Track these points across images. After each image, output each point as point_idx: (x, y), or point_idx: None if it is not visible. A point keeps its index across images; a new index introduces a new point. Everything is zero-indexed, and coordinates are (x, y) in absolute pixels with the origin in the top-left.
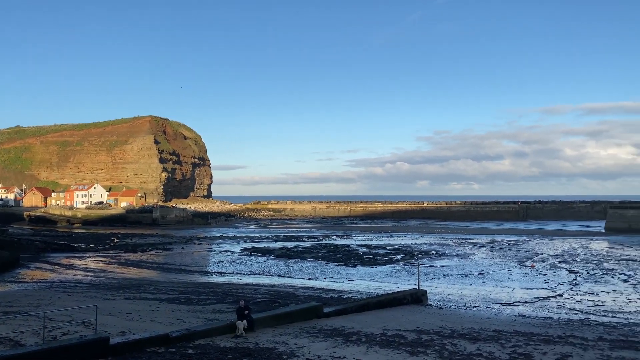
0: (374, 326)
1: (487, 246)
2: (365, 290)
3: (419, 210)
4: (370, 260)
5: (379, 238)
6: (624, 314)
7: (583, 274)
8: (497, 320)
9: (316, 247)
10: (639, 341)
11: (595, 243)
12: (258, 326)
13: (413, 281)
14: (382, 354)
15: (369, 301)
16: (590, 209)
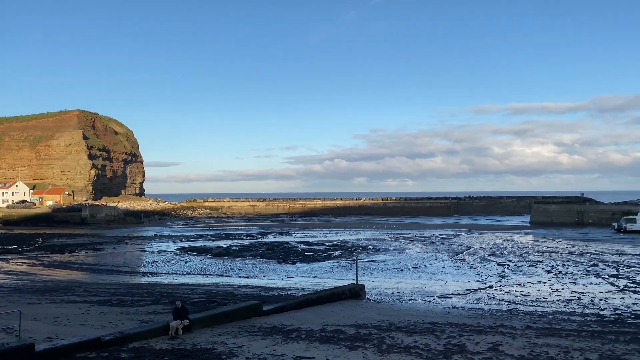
0: (313, 322)
1: (421, 240)
2: (304, 286)
3: (357, 206)
4: (309, 257)
5: (318, 234)
6: (548, 303)
7: (511, 266)
8: (432, 312)
9: (255, 245)
10: (561, 328)
11: (521, 236)
12: (195, 327)
13: (351, 276)
14: (322, 349)
15: (309, 297)
16: (517, 204)
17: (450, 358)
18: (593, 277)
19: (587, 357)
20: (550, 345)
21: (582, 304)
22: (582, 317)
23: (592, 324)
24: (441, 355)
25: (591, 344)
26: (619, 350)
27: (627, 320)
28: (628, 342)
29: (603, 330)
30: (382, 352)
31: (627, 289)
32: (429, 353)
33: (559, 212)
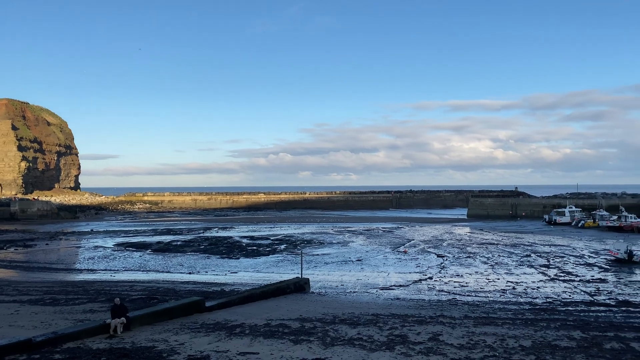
0: (258, 317)
1: (365, 234)
2: (248, 281)
3: (302, 200)
4: (253, 252)
5: (262, 229)
6: (485, 293)
7: (450, 258)
8: (375, 304)
9: (197, 240)
10: (497, 317)
11: (459, 229)
12: (135, 325)
13: (296, 270)
14: (266, 344)
15: (253, 292)
16: (455, 198)
17: (392, 349)
18: (526, 267)
19: (521, 344)
20: (487, 334)
21: (517, 294)
22: (517, 305)
23: (526, 312)
24: (384, 346)
25: (525, 331)
26: (550, 337)
27: (557, 307)
28: (558, 329)
29: (535, 318)
30: (327, 344)
31: (557, 278)
32: (372, 344)
33: (494, 205)
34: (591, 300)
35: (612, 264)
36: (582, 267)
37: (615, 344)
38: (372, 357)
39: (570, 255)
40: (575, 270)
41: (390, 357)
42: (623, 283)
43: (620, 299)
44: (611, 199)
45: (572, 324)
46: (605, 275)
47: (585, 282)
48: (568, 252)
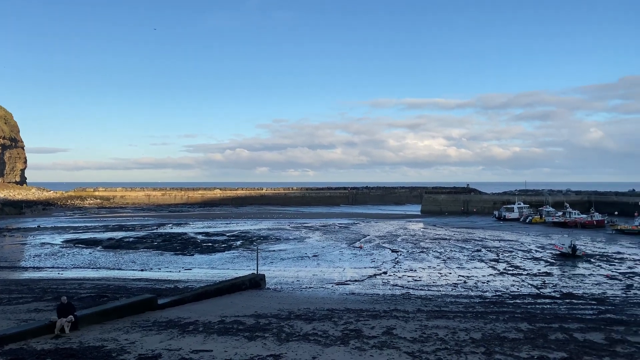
0: (212, 314)
1: (321, 229)
2: (203, 278)
3: (259, 196)
4: (208, 248)
5: (218, 225)
6: (437, 287)
7: (404, 253)
8: (330, 299)
9: (150, 236)
10: (449, 310)
11: (413, 224)
12: (83, 324)
13: (252, 266)
14: (220, 341)
15: (207, 289)
16: (409, 194)
17: (347, 343)
18: (477, 261)
19: (471, 336)
20: (439, 327)
21: (468, 287)
22: (468, 299)
23: (476, 305)
24: (339, 341)
25: (475, 324)
26: (499, 329)
27: (506, 300)
28: (506, 321)
29: (485, 311)
30: (282, 340)
31: (506, 272)
32: (327, 339)
33: (447, 201)
34: (538, 293)
35: (557, 258)
36: (530, 261)
37: (560, 334)
38: (327, 352)
39: (519, 250)
40: (523, 265)
41: (344, 351)
42: (567, 276)
43: (565, 292)
44: (557, 195)
45: (519, 316)
46: (550, 269)
47: (532, 276)
48: (516, 247)
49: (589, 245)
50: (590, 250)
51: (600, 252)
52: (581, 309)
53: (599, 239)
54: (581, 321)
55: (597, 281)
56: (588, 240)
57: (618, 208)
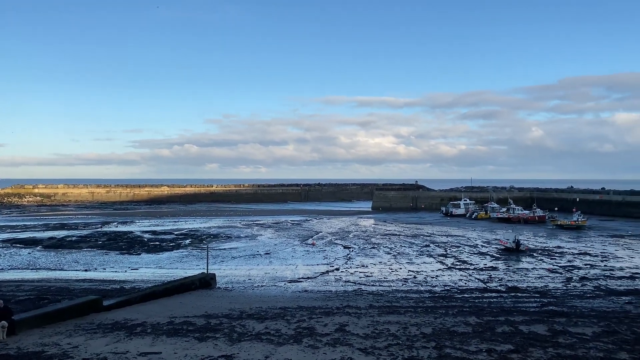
0: (160, 315)
1: (273, 227)
2: (151, 278)
3: (208, 193)
4: (156, 247)
5: (165, 223)
6: (388, 282)
7: (355, 249)
8: (283, 297)
9: (94, 235)
10: (400, 306)
11: (365, 221)
12: (22, 328)
13: (202, 265)
14: (170, 343)
15: (155, 289)
16: (360, 191)
17: (300, 342)
18: (426, 257)
19: (422, 331)
20: (391, 323)
21: (417, 282)
22: (418, 294)
23: (426, 300)
24: (292, 339)
25: (426, 318)
26: (448, 323)
27: (455, 295)
28: (455, 315)
29: (435, 306)
30: (233, 341)
31: (454, 267)
32: (280, 338)
33: (396, 198)
34: (484, 287)
35: (502, 253)
36: (476, 256)
37: (506, 327)
38: (280, 351)
39: (465, 245)
40: (470, 259)
41: (298, 350)
42: (512, 270)
43: (510, 285)
44: (501, 192)
45: (468, 310)
46: (496, 264)
47: (479, 270)
48: (463, 242)
49: (531, 240)
50: (532, 245)
51: (542, 247)
52: (525, 302)
53: (541, 234)
54: (526, 314)
55: (540, 275)
56: (530, 235)
57: (558, 204)
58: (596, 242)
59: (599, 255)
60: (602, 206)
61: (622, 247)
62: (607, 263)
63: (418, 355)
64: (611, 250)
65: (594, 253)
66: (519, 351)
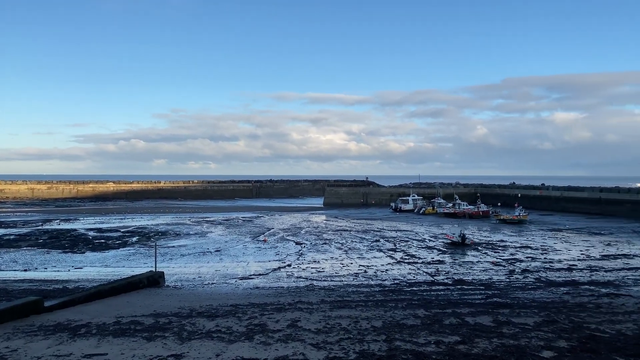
0: (106, 315)
1: (224, 223)
2: (96, 277)
3: (156, 190)
4: (101, 245)
5: (111, 220)
6: (340, 277)
7: (307, 245)
8: (234, 294)
9: (34, 233)
10: (351, 300)
11: (316, 217)
12: None
13: (150, 263)
14: (116, 344)
15: (101, 289)
16: (312, 187)
17: (252, 339)
18: (376, 251)
19: (373, 324)
20: (342, 317)
21: (368, 277)
22: (368, 288)
23: (377, 294)
24: (243, 336)
25: (376, 312)
26: (398, 316)
27: (404, 288)
28: (405, 308)
29: (385, 299)
30: (183, 339)
31: (403, 261)
32: (231, 335)
33: (348, 194)
34: (432, 280)
35: (448, 247)
36: (424, 250)
37: (453, 319)
38: (231, 348)
39: (414, 240)
40: (418, 253)
41: (249, 347)
42: (458, 264)
43: (456, 278)
44: (447, 188)
45: (417, 303)
46: (443, 257)
47: (427, 264)
48: (412, 236)
49: (476, 234)
50: (477, 239)
51: (486, 241)
52: (471, 294)
53: (485, 228)
54: (472, 306)
55: (484, 268)
56: (475, 230)
57: (501, 199)
58: (537, 235)
59: (539, 249)
60: (542, 201)
61: (561, 240)
62: (546, 256)
63: (369, 349)
64: (550, 244)
65: (535, 246)
66: (466, 342)
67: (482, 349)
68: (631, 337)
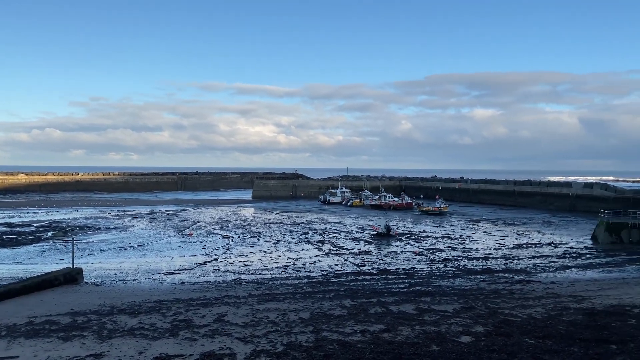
0: (17, 315)
1: (147, 217)
2: (6, 275)
3: (74, 182)
4: (12, 241)
5: (23, 214)
6: (268, 270)
7: (235, 238)
8: (158, 290)
9: None
10: (279, 293)
11: (245, 210)
12: None
13: (67, 260)
14: (29, 345)
15: (11, 288)
16: (241, 180)
17: (177, 335)
18: (305, 244)
19: (300, 316)
20: (270, 310)
21: (296, 269)
22: (297, 280)
23: (305, 285)
24: (167, 332)
25: (304, 304)
26: (325, 307)
27: (331, 279)
28: (332, 299)
29: (313, 291)
30: (103, 338)
31: (331, 252)
32: (155, 332)
33: (277, 186)
34: (359, 270)
35: (374, 238)
36: (351, 241)
37: (378, 308)
38: (155, 345)
39: (341, 232)
40: (346, 245)
41: (174, 343)
42: (383, 254)
43: (381, 268)
44: (374, 181)
45: (344, 294)
46: (369, 248)
47: (354, 255)
48: (339, 228)
49: (400, 226)
50: (401, 229)
51: (409, 232)
52: (395, 284)
53: (408, 220)
54: (396, 294)
55: (408, 257)
56: (399, 221)
57: (423, 192)
58: (456, 226)
59: (459, 238)
60: (461, 194)
61: (478, 230)
62: (465, 245)
63: (296, 340)
64: (469, 234)
65: (454, 236)
66: (390, 330)
67: (405, 337)
68: (540, 320)
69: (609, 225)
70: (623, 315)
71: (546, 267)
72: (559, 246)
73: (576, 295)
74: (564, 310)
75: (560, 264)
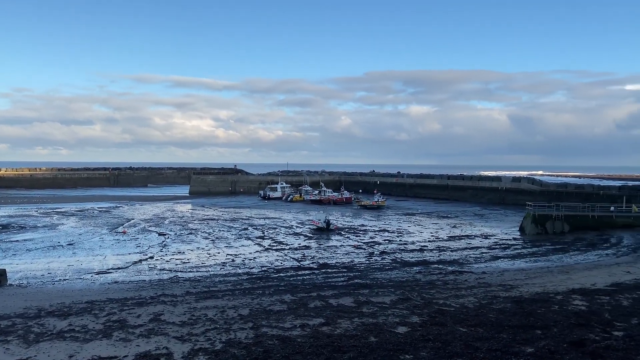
0: None
1: (77, 215)
2: None
3: None
4: None
5: None
6: (206, 267)
7: (171, 235)
8: (89, 290)
9: None
10: (218, 290)
11: (181, 206)
12: None
13: None
14: None
15: None
16: (177, 175)
17: (110, 336)
18: (244, 240)
19: (240, 313)
20: (208, 308)
21: (236, 265)
22: (236, 277)
23: (244, 282)
24: (100, 334)
25: (243, 300)
26: (265, 303)
27: (271, 275)
28: (272, 294)
29: (253, 287)
30: (30, 342)
31: (271, 248)
32: (86, 334)
33: (215, 182)
34: (299, 265)
35: (314, 232)
36: (291, 236)
37: (318, 302)
38: (86, 348)
39: (282, 227)
40: (286, 240)
41: (107, 345)
42: (323, 248)
43: (321, 262)
44: (314, 176)
45: (283, 289)
46: (309, 243)
47: (294, 250)
48: (279, 223)
49: (340, 220)
50: (341, 224)
51: (348, 226)
52: (335, 277)
53: (348, 214)
54: (335, 288)
55: (347, 251)
56: (339, 215)
57: (362, 186)
58: (393, 220)
59: (396, 232)
60: (398, 188)
61: (414, 223)
62: (402, 238)
63: (236, 337)
64: (405, 227)
65: (392, 230)
66: (329, 324)
67: (344, 329)
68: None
69: (535, 217)
70: (547, 302)
71: (478, 258)
72: (490, 238)
73: (505, 284)
74: (494, 299)
75: (490, 254)
